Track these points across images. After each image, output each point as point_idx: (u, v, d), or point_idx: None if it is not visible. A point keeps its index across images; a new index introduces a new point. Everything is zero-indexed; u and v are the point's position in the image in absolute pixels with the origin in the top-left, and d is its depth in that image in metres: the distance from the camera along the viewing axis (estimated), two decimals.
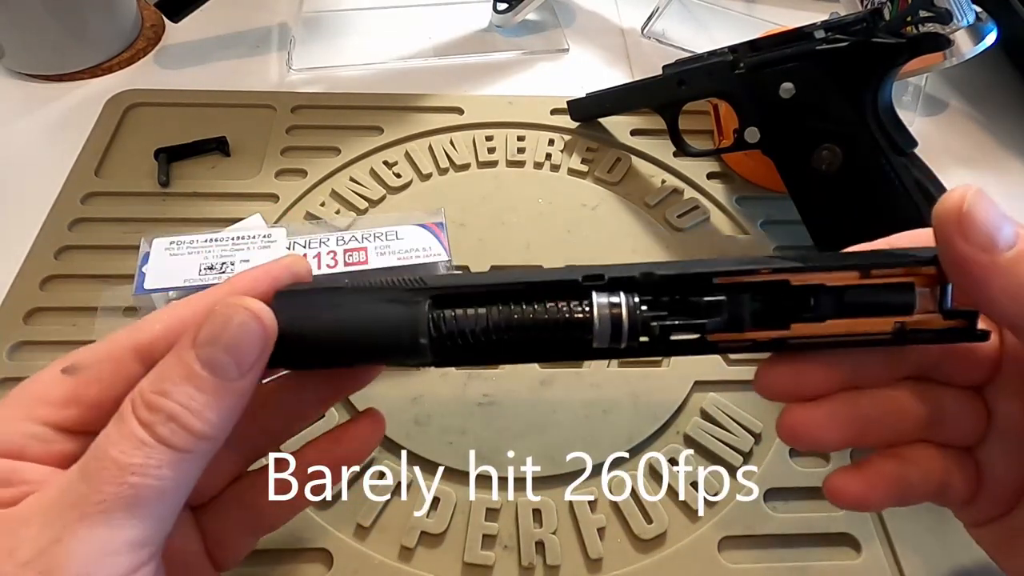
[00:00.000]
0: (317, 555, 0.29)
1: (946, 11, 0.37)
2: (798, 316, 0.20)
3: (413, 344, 0.19)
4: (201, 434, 0.17)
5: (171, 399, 0.17)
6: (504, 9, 0.52)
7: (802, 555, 0.29)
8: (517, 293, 0.20)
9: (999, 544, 0.25)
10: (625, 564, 0.29)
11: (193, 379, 0.17)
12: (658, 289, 0.20)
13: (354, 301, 0.20)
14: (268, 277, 0.20)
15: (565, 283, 0.20)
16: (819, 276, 0.20)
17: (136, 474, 0.16)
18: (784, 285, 0.20)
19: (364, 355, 0.20)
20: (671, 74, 0.40)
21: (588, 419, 0.33)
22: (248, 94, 0.46)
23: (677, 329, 0.19)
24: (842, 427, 0.22)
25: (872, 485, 0.23)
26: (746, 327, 0.20)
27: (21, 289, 0.35)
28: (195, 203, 0.40)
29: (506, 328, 0.19)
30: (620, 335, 0.19)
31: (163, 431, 0.16)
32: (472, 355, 0.20)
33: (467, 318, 0.19)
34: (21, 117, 0.45)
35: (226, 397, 0.17)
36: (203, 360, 0.17)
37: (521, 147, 0.44)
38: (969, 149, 0.48)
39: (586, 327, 0.19)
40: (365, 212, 0.40)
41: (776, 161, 0.37)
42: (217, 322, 0.17)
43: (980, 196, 0.18)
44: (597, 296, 0.19)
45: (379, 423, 0.23)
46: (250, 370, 0.18)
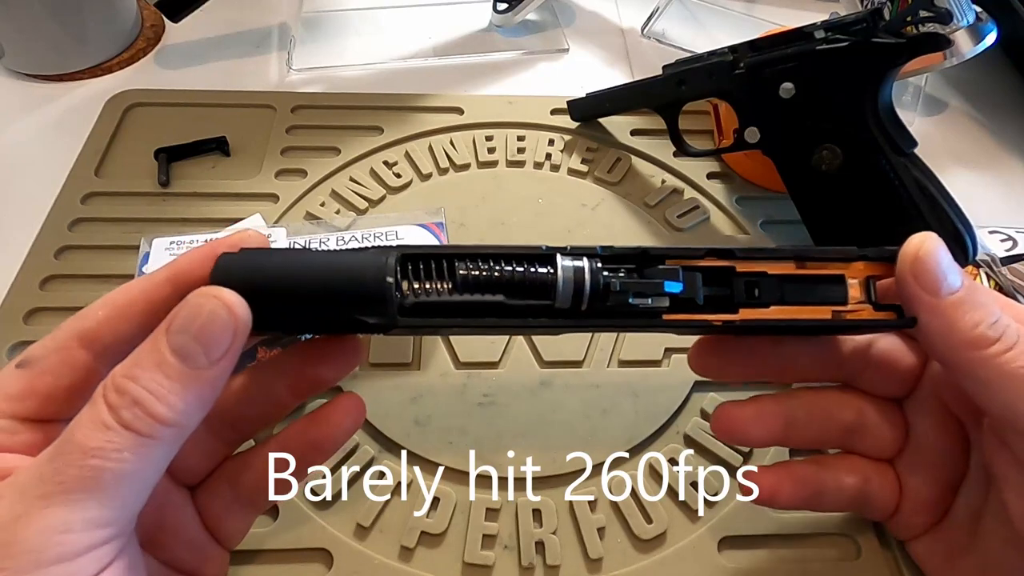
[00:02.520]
0: (317, 555, 0.29)
1: (946, 11, 0.37)
2: (746, 302, 0.21)
3: (378, 288, 0.19)
4: (165, 420, 0.17)
5: (139, 384, 0.17)
6: (504, 9, 0.52)
7: (802, 555, 0.29)
8: (484, 257, 0.20)
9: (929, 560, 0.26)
10: (625, 564, 0.29)
11: (163, 366, 0.17)
12: (617, 261, 0.21)
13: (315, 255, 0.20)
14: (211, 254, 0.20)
15: (531, 251, 0.21)
16: (761, 265, 0.22)
17: (96, 456, 0.16)
18: (730, 271, 0.22)
19: (322, 307, 0.19)
20: (671, 74, 0.40)
21: (588, 419, 0.33)
22: (248, 94, 0.46)
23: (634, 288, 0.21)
24: (768, 425, 0.25)
25: (779, 483, 0.25)
26: (698, 308, 0.21)
27: (21, 289, 0.35)
28: (195, 203, 0.40)
29: (473, 284, 0.20)
30: (582, 295, 0.20)
31: (127, 415, 0.17)
32: (437, 314, 0.20)
33: (433, 271, 0.20)
34: (21, 117, 0.45)
35: (194, 385, 0.18)
36: (173, 347, 0.17)
37: (521, 147, 0.44)
38: (969, 149, 0.48)
39: (549, 286, 0.20)
40: (365, 212, 0.40)
41: (776, 161, 0.37)
42: (189, 310, 0.18)
43: (936, 245, 0.21)
44: (562, 259, 0.20)
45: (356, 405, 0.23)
46: (220, 359, 0.18)
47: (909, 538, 0.27)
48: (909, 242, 0.21)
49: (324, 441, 0.23)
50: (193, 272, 0.20)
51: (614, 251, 0.21)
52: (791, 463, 0.26)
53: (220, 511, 0.23)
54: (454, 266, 0.20)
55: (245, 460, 0.23)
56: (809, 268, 0.22)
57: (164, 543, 0.22)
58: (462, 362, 0.34)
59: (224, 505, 0.23)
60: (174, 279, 0.20)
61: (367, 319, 0.19)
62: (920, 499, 0.25)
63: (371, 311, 0.19)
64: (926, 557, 0.26)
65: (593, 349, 0.35)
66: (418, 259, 0.20)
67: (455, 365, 0.34)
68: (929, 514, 0.25)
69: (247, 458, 0.23)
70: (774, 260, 0.22)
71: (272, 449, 0.23)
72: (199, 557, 0.23)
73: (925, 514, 0.26)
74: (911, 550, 0.27)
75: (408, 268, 0.20)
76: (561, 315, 0.20)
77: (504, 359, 0.34)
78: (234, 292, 0.18)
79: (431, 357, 0.34)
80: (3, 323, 0.34)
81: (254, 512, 0.24)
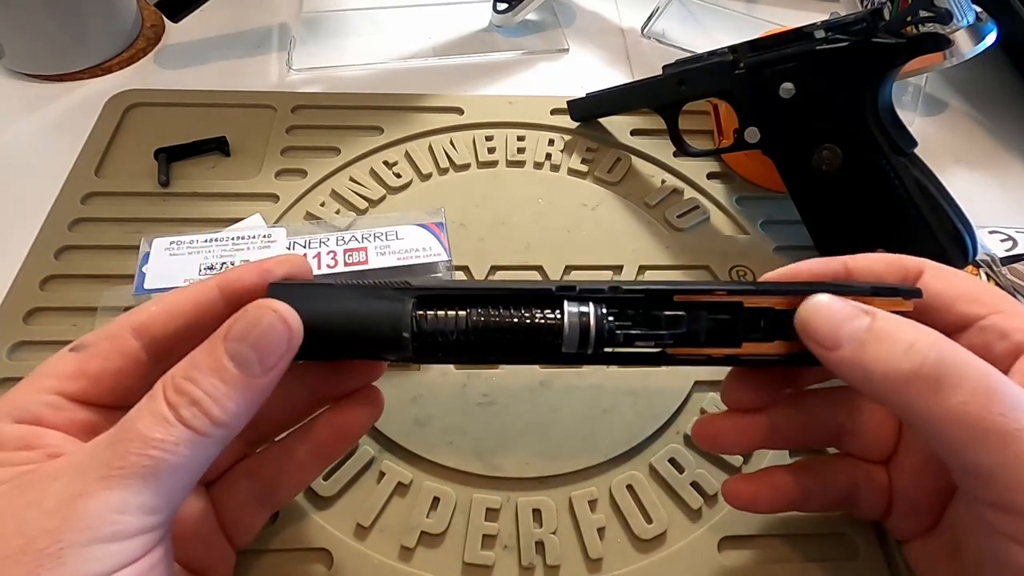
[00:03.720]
0: (317, 555, 0.29)
1: (946, 11, 0.37)
2: (748, 336, 0.22)
3: (395, 338, 0.21)
4: (219, 421, 0.18)
5: (197, 386, 0.18)
6: (504, 9, 0.52)
7: (802, 555, 0.29)
8: (495, 298, 0.22)
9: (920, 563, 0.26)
10: (625, 564, 0.29)
11: (220, 371, 0.19)
12: (623, 303, 0.22)
13: (345, 296, 0.22)
14: (258, 270, 0.22)
15: (540, 292, 0.22)
16: (769, 300, 0.22)
17: (156, 447, 0.17)
18: (738, 306, 0.22)
19: (351, 346, 0.21)
20: (671, 74, 0.40)
21: (588, 419, 0.33)
22: (248, 94, 0.46)
23: (640, 339, 0.21)
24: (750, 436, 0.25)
25: (759, 490, 0.26)
26: (702, 343, 0.22)
27: (21, 289, 0.35)
28: (195, 203, 0.40)
29: (483, 329, 0.21)
30: (587, 341, 0.21)
31: (185, 413, 0.18)
32: (450, 352, 0.22)
33: (447, 318, 0.21)
34: (21, 117, 0.45)
35: (247, 391, 0.19)
36: (231, 354, 0.19)
37: (521, 147, 0.44)
38: (969, 149, 0.48)
39: (556, 332, 0.21)
40: (365, 212, 0.40)
41: (776, 161, 0.37)
42: (248, 320, 0.19)
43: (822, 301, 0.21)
44: (568, 305, 0.21)
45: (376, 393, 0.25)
46: (272, 368, 0.19)
47: (903, 539, 0.27)
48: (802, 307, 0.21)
49: (351, 427, 0.25)
50: (241, 281, 0.22)
51: (622, 292, 0.22)
52: (774, 470, 0.26)
53: (236, 505, 0.24)
54: (466, 311, 0.21)
55: (266, 454, 0.25)
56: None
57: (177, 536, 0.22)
58: None
59: (241, 499, 0.24)
60: (223, 286, 0.22)
61: (388, 356, 0.22)
62: (911, 504, 0.25)
63: (390, 352, 0.21)
64: (918, 560, 0.26)
65: None
66: (431, 301, 0.22)
67: (455, 365, 0.34)
68: (921, 518, 0.25)
69: (268, 452, 0.25)
70: (784, 295, 0.22)
71: (299, 441, 0.24)
72: (210, 554, 0.23)
73: (917, 518, 0.26)
74: (906, 551, 0.27)
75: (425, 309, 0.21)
76: (568, 356, 0.21)
77: None
78: (288, 306, 0.20)
79: None
80: (3, 323, 0.34)
81: (269, 508, 0.25)
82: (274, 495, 0.25)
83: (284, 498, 0.25)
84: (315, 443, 0.24)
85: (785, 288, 0.22)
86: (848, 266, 0.24)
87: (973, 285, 0.23)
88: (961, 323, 0.22)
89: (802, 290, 0.21)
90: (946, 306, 0.23)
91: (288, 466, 0.24)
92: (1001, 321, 0.22)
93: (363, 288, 0.22)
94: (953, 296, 0.22)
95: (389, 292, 0.22)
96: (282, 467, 0.24)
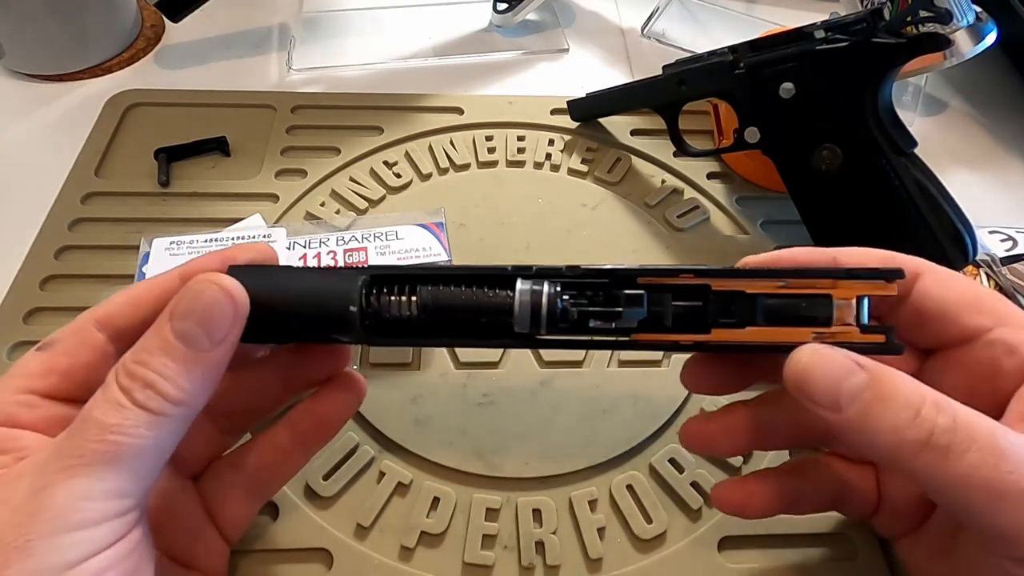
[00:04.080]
0: (317, 555, 0.29)
1: (946, 11, 0.37)
2: (719, 322, 0.21)
3: (343, 314, 0.21)
4: (174, 399, 0.18)
5: (148, 367, 0.18)
6: (504, 9, 0.52)
7: (801, 555, 0.29)
8: (449, 279, 0.21)
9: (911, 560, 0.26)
10: (625, 564, 0.29)
11: (168, 350, 0.19)
12: (584, 284, 0.21)
13: (299, 275, 0.21)
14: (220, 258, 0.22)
15: (496, 272, 0.21)
16: (740, 283, 0.20)
17: (115, 432, 0.18)
18: (705, 289, 0.21)
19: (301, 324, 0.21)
20: (671, 74, 0.40)
21: (588, 419, 0.33)
22: (248, 94, 0.46)
23: (596, 318, 0.20)
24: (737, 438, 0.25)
25: (749, 496, 0.25)
26: (669, 328, 0.21)
27: (21, 289, 0.35)
28: (195, 203, 0.40)
29: (433, 307, 0.21)
30: (539, 320, 0.20)
31: (139, 396, 0.18)
32: (401, 333, 0.21)
33: (397, 294, 0.21)
34: (21, 117, 0.45)
35: (199, 366, 0.19)
36: (177, 332, 0.19)
37: (521, 147, 0.44)
38: (969, 149, 0.48)
39: (507, 310, 0.20)
40: (365, 212, 0.40)
41: (776, 161, 0.37)
42: (190, 296, 0.19)
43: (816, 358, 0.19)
44: (521, 283, 0.21)
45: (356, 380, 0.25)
46: (222, 341, 0.19)
47: (891, 538, 0.27)
48: (790, 361, 0.19)
49: (332, 414, 0.25)
50: (203, 269, 0.21)
51: (580, 271, 0.21)
52: (762, 474, 0.26)
53: (222, 495, 0.24)
54: (416, 289, 0.21)
55: (250, 444, 0.25)
56: (793, 287, 0.20)
57: (164, 528, 0.22)
58: (462, 362, 0.34)
59: (226, 488, 0.24)
60: (185, 275, 0.21)
61: (339, 337, 0.21)
62: (899, 503, 0.25)
63: (340, 332, 0.21)
64: (909, 557, 0.26)
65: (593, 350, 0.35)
66: (384, 281, 0.21)
67: (455, 365, 0.34)
68: (909, 517, 0.25)
69: (252, 442, 0.25)
70: (756, 278, 0.20)
71: (280, 430, 0.24)
72: (200, 546, 0.24)
73: (905, 517, 0.25)
74: (896, 548, 0.27)
75: (377, 289, 0.21)
76: (522, 336, 0.21)
77: (504, 359, 0.34)
78: (231, 277, 0.19)
79: (431, 357, 0.34)
80: (3, 323, 0.34)
81: (258, 498, 0.25)
82: (261, 485, 0.25)
83: (272, 488, 0.25)
84: (296, 432, 0.24)
85: (758, 272, 0.21)
86: (838, 260, 0.23)
87: (975, 291, 0.22)
88: (965, 335, 0.22)
89: (774, 274, 0.20)
90: (948, 316, 0.22)
91: (272, 456, 0.25)
92: (1008, 335, 0.21)
93: (320, 270, 0.21)
94: (956, 304, 0.22)
95: (344, 272, 0.21)
96: (267, 457, 0.24)
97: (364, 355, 0.34)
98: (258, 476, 0.25)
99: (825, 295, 0.20)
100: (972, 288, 0.22)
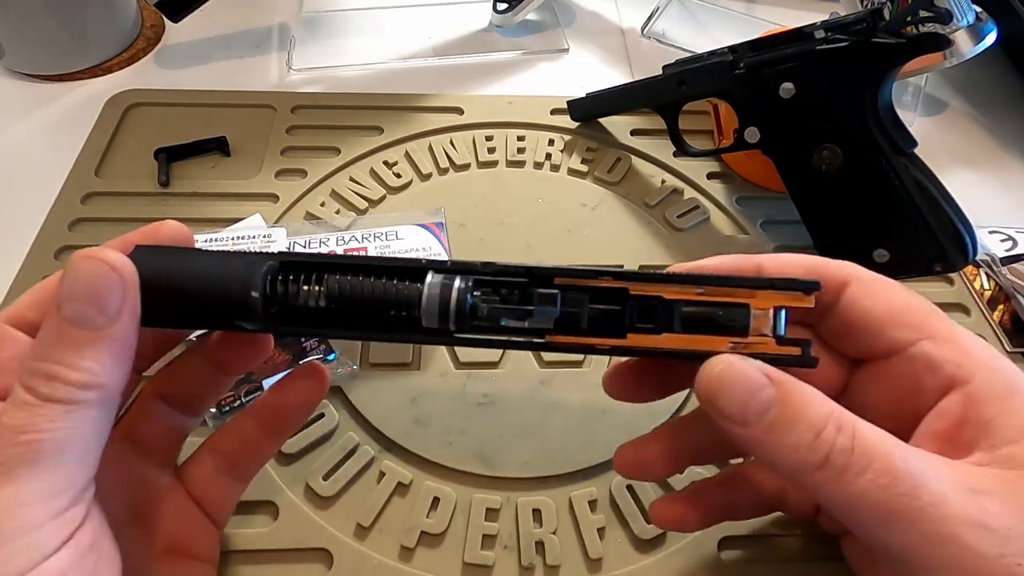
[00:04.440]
0: (317, 555, 0.29)
1: (946, 11, 0.37)
2: (637, 327, 0.20)
3: (245, 299, 0.20)
4: (82, 384, 0.18)
5: (48, 360, 0.18)
6: (504, 9, 0.52)
7: (801, 555, 0.29)
8: (359, 268, 0.20)
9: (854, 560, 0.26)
10: (625, 564, 0.29)
11: (64, 337, 0.18)
12: (500, 283, 0.20)
13: (205, 257, 0.20)
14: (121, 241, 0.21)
15: (409, 265, 0.20)
16: (658, 288, 0.20)
17: (27, 432, 0.17)
18: (624, 293, 0.20)
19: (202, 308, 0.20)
20: (671, 74, 0.40)
21: (588, 419, 0.33)
22: (248, 94, 0.46)
23: (507, 315, 0.20)
24: (670, 462, 0.24)
25: (686, 512, 0.25)
26: (584, 331, 0.20)
27: (21, 289, 0.35)
28: (195, 203, 0.40)
29: (339, 296, 0.20)
30: (447, 315, 0.20)
31: (45, 390, 0.17)
32: (307, 322, 0.20)
33: (303, 282, 0.20)
34: (21, 117, 0.45)
35: (101, 345, 0.18)
36: (67, 316, 0.18)
37: (521, 147, 0.44)
38: (969, 149, 0.48)
39: (414, 303, 0.20)
40: (365, 212, 0.40)
41: (776, 161, 0.37)
42: (70, 276, 0.18)
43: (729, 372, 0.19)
44: (431, 276, 0.20)
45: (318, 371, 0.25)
46: (118, 314, 0.18)
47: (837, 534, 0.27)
48: (701, 373, 0.19)
49: (293, 405, 0.25)
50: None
51: (496, 268, 0.20)
52: (700, 488, 0.26)
53: (206, 481, 0.24)
54: (324, 278, 0.20)
55: (224, 429, 0.25)
56: (712, 295, 0.20)
57: (148, 518, 0.22)
58: (462, 362, 0.34)
59: (209, 473, 0.24)
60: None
61: (243, 324, 0.20)
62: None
63: (243, 319, 0.20)
64: (850, 555, 0.26)
65: None
66: (293, 268, 0.20)
67: (455, 365, 0.34)
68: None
69: (225, 427, 0.25)
70: (674, 284, 0.20)
71: (245, 418, 0.25)
72: (189, 529, 0.24)
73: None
74: (842, 546, 0.27)
75: (284, 276, 0.20)
76: (431, 332, 0.20)
77: (504, 359, 0.34)
78: (110, 249, 0.18)
79: (431, 357, 0.34)
80: None
81: (238, 481, 0.25)
82: (238, 468, 0.25)
83: (249, 472, 0.25)
84: (260, 421, 0.24)
85: (677, 278, 0.20)
86: (763, 267, 0.23)
87: (904, 302, 0.22)
88: (889, 348, 0.21)
89: (696, 280, 0.20)
90: (873, 327, 0.21)
91: (242, 443, 0.25)
92: (931, 349, 0.21)
93: (229, 253, 0.21)
94: (880, 316, 0.21)
95: (252, 256, 0.20)
96: (237, 444, 0.25)
97: (364, 355, 0.34)
98: (234, 460, 0.25)
99: (743, 304, 0.20)
100: (901, 298, 0.22)
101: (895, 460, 0.18)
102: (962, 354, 0.21)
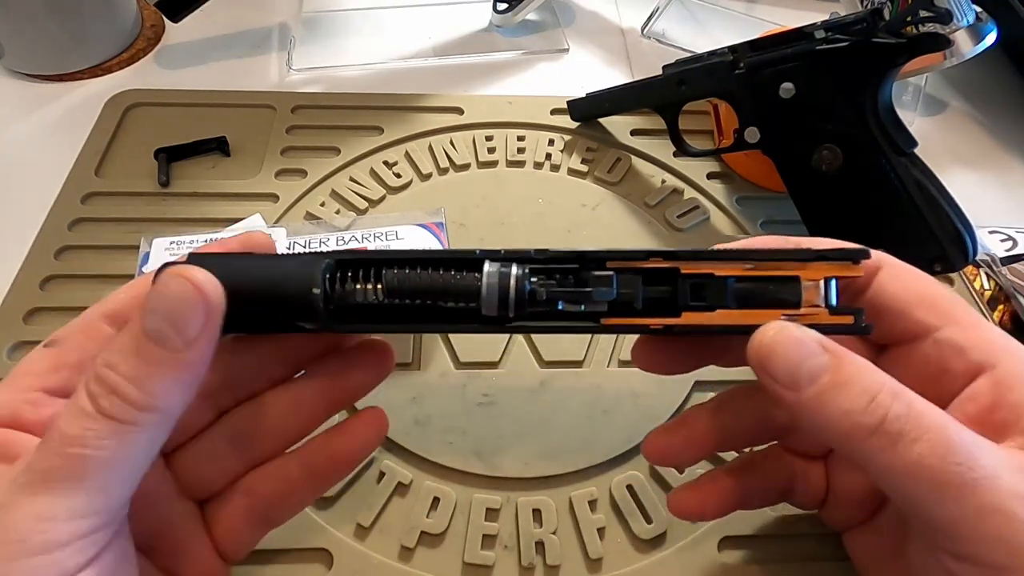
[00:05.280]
0: (317, 555, 0.29)
1: (946, 11, 0.37)
2: (690, 305, 0.20)
3: (305, 296, 0.20)
4: (143, 406, 0.17)
5: (116, 371, 0.17)
6: (504, 9, 0.52)
7: (801, 555, 0.29)
8: (415, 262, 0.20)
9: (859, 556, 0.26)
10: (625, 564, 0.29)
11: (139, 351, 0.17)
12: (553, 268, 0.20)
13: (261, 260, 0.21)
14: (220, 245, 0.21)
15: (463, 256, 0.20)
16: (709, 265, 0.20)
17: (77, 445, 0.16)
18: (675, 272, 0.20)
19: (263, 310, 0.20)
20: (671, 74, 0.40)
21: (588, 419, 0.33)
22: (248, 94, 0.46)
23: (564, 299, 0.20)
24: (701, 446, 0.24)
25: (705, 500, 0.25)
26: (638, 312, 0.20)
27: (21, 289, 0.35)
28: (195, 203, 0.40)
29: (399, 290, 0.20)
30: (507, 302, 0.20)
31: (105, 403, 0.17)
32: (367, 317, 0.21)
33: (362, 278, 0.20)
34: (21, 117, 0.45)
35: (171, 368, 0.17)
36: (147, 330, 0.17)
37: (521, 147, 0.44)
38: (969, 149, 0.48)
39: (474, 292, 0.20)
40: (365, 212, 0.40)
41: (776, 161, 0.37)
42: (158, 291, 0.17)
43: (781, 336, 0.19)
44: (488, 265, 0.20)
45: (379, 418, 0.24)
46: (195, 340, 0.17)
47: (839, 529, 0.27)
48: (755, 337, 0.19)
49: (347, 454, 0.23)
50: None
51: (549, 254, 0.20)
52: (715, 476, 0.26)
53: (231, 523, 0.23)
54: (382, 273, 0.20)
55: (265, 471, 0.23)
56: (762, 269, 0.20)
57: (164, 551, 0.21)
58: (462, 362, 0.34)
59: (237, 517, 0.23)
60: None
61: (304, 324, 0.20)
62: (846, 496, 0.25)
63: (304, 318, 0.20)
64: (854, 551, 0.26)
65: (593, 349, 0.35)
66: (348, 266, 0.20)
67: (455, 365, 0.34)
68: (855, 510, 0.25)
69: (268, 469, 0.23)
70: (724, 261, 0.20)
71: (295, 461, 0.23)
72: (199, 570, 0.22)
73: (851, 510, 0.25)
74: (844, 541, 0.27)
75: (342, 274, 0.20)
76: (490, 320, 0.20)
77: (504, 359, 0.34)
78: (202, 269, 0.18)
79: (431, 357, 0.34)
80: (3, 323, 0.34)
81: (266, 526, 0.23)
82: (270, 514, 0.23)
83: (279, 518, 0.24)
84: (309, 467, 0.23)
85: (726, 254, 0.21)
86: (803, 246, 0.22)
87: (930, 289, 0.22)
88: (916, 332, 0.22)
89: (746, 255, 0.20)
90: (901, 311, 0.22)
91: (284, 488, 0.23)
92: (957, 335, 0.21)
93: (282, 256, 0.21)
94: (909, 301, 0.22)
95: (307, 256, 0.20)
96: (275, 487, 0.23)
97: None
98: (268, 505, 0.23)
99: (793, 277, 0.20)
100: (927, 285, 0.22)
101: (950, 431, 0.18)
102: (987, 340, 0.21)
